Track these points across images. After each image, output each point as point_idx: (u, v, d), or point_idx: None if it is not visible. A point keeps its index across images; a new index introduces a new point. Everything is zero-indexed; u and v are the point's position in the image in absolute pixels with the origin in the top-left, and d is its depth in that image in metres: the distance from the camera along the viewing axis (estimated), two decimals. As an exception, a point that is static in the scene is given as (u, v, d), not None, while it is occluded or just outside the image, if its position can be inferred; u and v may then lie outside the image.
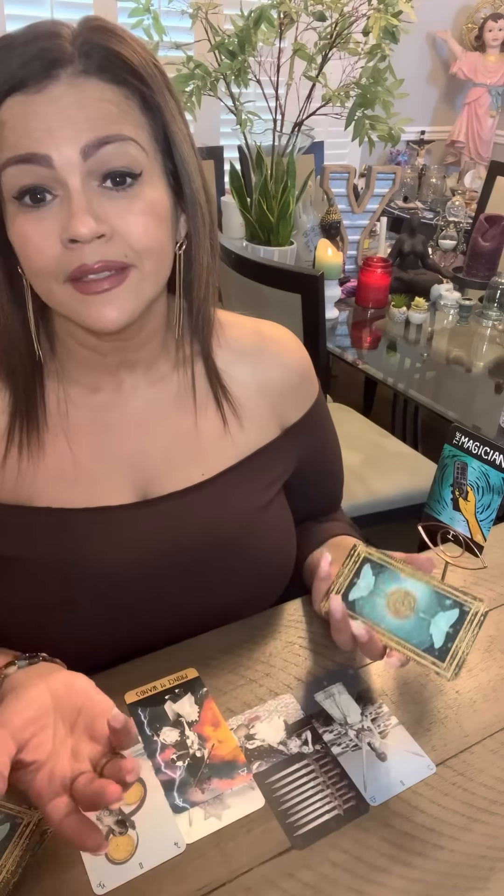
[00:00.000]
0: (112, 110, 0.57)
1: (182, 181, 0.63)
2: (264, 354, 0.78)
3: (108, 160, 0.56)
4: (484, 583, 0.87)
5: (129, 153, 0.57)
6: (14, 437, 0.68)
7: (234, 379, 0.76)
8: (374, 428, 1.98)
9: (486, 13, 3.78)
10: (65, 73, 0.56)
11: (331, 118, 1.93)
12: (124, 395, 0.72)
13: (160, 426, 0.73)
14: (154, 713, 0.67)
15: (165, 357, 0.73)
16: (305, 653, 0.75)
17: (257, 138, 1.94)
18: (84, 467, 0.70)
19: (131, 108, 0.58)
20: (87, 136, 0.55)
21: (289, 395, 0.80)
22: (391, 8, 1.75)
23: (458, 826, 0.60)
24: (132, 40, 0.58)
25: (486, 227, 2.22)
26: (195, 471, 0.74)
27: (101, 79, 0.57)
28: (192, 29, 1.89)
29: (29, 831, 0.54)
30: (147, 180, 0.59)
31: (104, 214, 0.57)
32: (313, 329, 1.53)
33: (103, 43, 0.57)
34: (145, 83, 0.58)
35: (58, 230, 0.56)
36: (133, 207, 0.58)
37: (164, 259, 0.63)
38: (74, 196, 0.56)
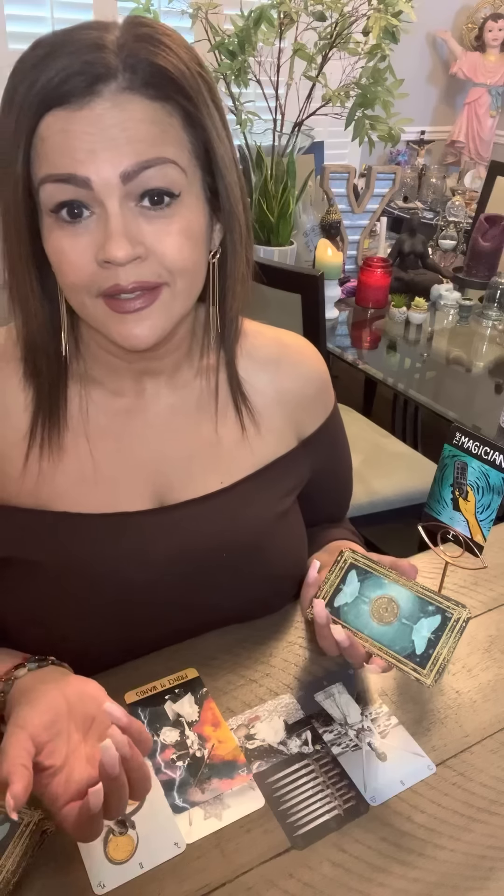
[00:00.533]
0: (155, 131, 0.56)
1: (220, 195, 0.62)
2: (284, 364, 0.78)
3: (147, 182, 0.56)
4: (484, 583, 0.87)
5: (169, 175, 0.57)
6: (36, 436, 0.68)
7: (253, 388, 0.76)
8: (374, 428, 1.98)
9: (486, 13, 3.78)
10: (108, 89, 0.54)
11: (331, 118, 1.93)
12: (146, 401, 0.72)
13: (181, 433, 0.73)
14: (154, 713, 0.67)
15: (189, 364, 0.73)
16: (305, 653, 0.75)
17: (257, 138, 1.94)
18: (103, 471, 0.70)
19: (173, 127, 0.57)
20: (129, 161, 0.55)
21: (306, 406, 0.80)
22: (391, 8, 1.75)
23: (458, 826, 0.60)
24: (178, 47, 0.57)
25: (486, 227, 2.22)
26: (214, 478, 0.74)
27: (145, 96, 0.55)
28: (192, 29, 1.88)
29: (29, 831, 0.54)
30: (184, 200, 0.59)
31: (140, 235, 0.57)
32: (313, 329, 1.53)
33: (149, 57, 0.55)
34: (190, 100, 0.57)
35: (93, 249, 0.56)
36: (169, 228, 0.58)
37: (197, 277, 0.63)
38: (112, 218, 0.55)
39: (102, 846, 0.57)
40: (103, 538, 0.69)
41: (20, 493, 0.69)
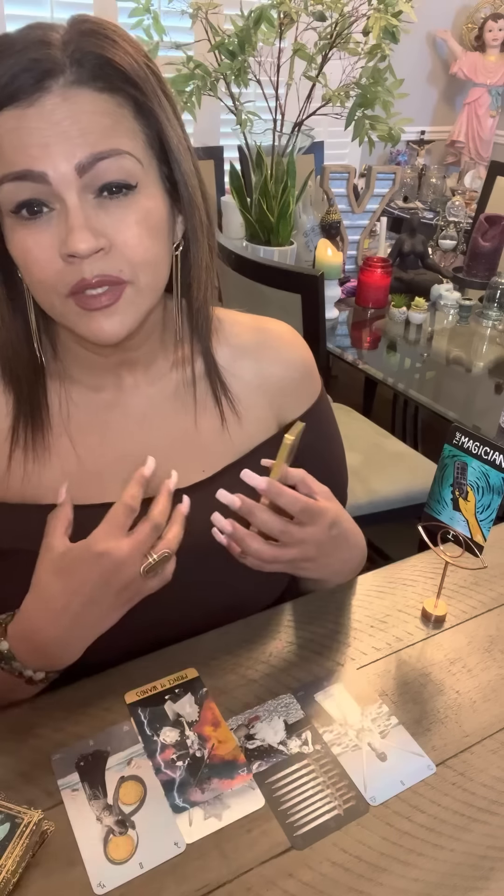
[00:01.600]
0: (106, 122, 0.56)
1: (178, 185, 0.63)
2: (265, 350, 0.78)
3: (104, 175, 0.56)
4: (484, 583, 0.87)
5: (125, 167, 0.57)
6: (18, 439, 0.69)
7: (234, 375, 0.76)
8: (374, 428, 1.98)
9: (486, 13, 3.78)
10: (56, 84, 0.55)
11: (331, 118, 1.93)
12: (125, 394, 0.72)
13: (161, 424, 0.74)
14: (154, 713, 0.67)
15: (164, 356, 0.74)
16: (305, 653, 0.75)
17: (257, 138, 1.94)
18: (88, 467, 0.71)
19: (125, 117, 0.58)
20: (82, 153, 0.55)
21: (289, 392, 0.80)
22: (391, 8, 1.75)
23: (458, 826, 0.60)
24: (124, 41, 0.58)
25: (486, 227, 2.22)
26: (195, 469, 0.74)
27: (94, 88, 0.56)
28: (192, 29, 1.89)
29: (29, 831, 0.54)
30: (142, 190, 0.59)
31: (101, 227, 0.57)
32: (313, 329, 1.53)
33: (95, 50, 0.56)
34: (139, 89, 0.58)
35: (56, 244, 0.57)
36: (128, 218, 0.58)
37: (161, 270, 0.63)
38: (72, 211, 0.56)
39: (102, 846, 0.57)
40: (89, 529, 0.70)
41: (6, 493, 0.70)
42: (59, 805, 0.59)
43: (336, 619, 0.80)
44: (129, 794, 0.60)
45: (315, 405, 0.83)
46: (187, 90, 1.83)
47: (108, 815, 0.59)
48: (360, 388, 2.76)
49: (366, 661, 0.75)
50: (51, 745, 0.64)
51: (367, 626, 0.79)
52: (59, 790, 0.60)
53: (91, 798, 0.60)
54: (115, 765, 0.63)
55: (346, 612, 0.81)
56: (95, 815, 0.59)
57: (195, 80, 1.83)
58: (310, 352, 0.83)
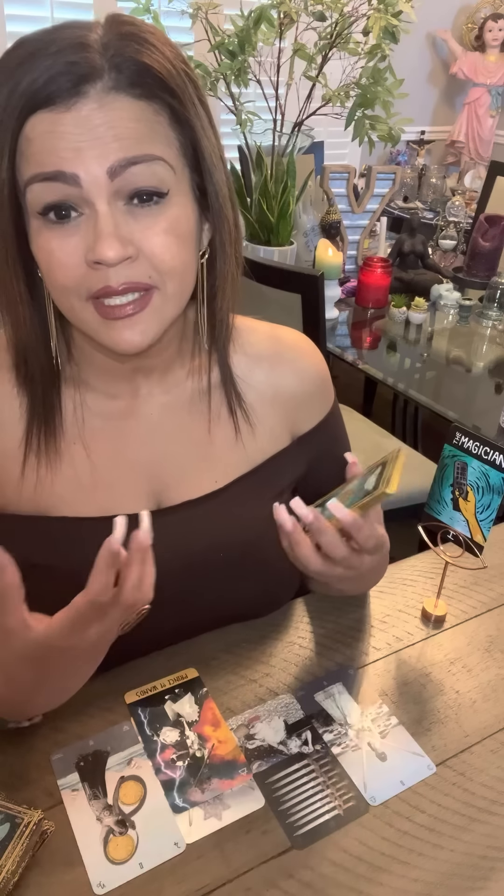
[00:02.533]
0: (142, 129, 0.55)
1: (209, 194, 0.62)
2: (281, 361, 0.77)
3: (135, 180, 0.55)
4: (484, 583, 0.87)
5: (157, 173, 0.56)
6: (32, 444, 0.68)
7: (249, 385, 0.75)
8: (374, 428, 1.98)
9: (486, 13, 3.78)
10: (94, 89, 0.54)
11: (331, 118, 1.93)
12: (140, 402, 0.71)
13: (174, 433, 0.73)
14: (154, 713, 0.67)
15: (180, 364, 0.72)
16: (305, 653, 0.75)
17: (257, 138, 1.94)
18: (101, 475, 0.70)
19: (160, 125, 0.57)
20: (116, 156, 0.54)
21: (304, 404, 0.79)
22: (391, 8, 1.75)
23: (458, 826, 0.60)
24: (163, 45, 0.57)
25: (486, 227, 2.22)
26: (208, 479, 0.74)
27: (131, 95, 0.55)
28: (192, 29, 1.89)
29: (29, 831, 0.54)
30: (173, 199, 0.58)
31: (129, 235, 0.56)
32: (313, 329, 1.53)
33: (134, 56, 0.54)
34: (176, 97, 0.57)
35: (83, 249, 0.56)
36: (157, 226, 0.57)
37: (188, 278, 0.62)
38: (101, 218, 0.55)
39: (102, 846, 0.57)
40: (100, 542, 0.69)
41: (19, 500, 0.69)
42: (59, 805, 0.59)
43: (336, 619, 0.80)
44: (129, 794, 0.60)
45: (328, 416, 0.82)
46: (187, 90, 1.83)
47: (108, 815, 0.59)
48: (360, 388, 2.76)
49: (366, 661, 0.75)
50: (51, 745, 0.64)
51: (367, 626, 0.79)
52: (59, 790, 0.60)
53: (91, 798, 0.60)
54: (115, 765, 0.63)
55: (346, 612, 0.81)
56: (95, 815, 0.59)
57: (195, 80, 1.82)
58: (324, 361, 0.82)
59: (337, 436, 0.85)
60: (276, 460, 0.77)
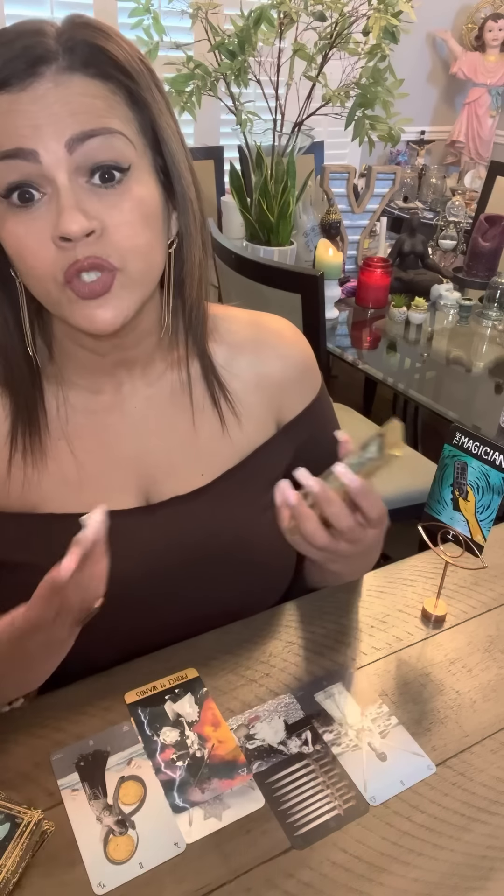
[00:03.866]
0: (98, 105, 0.56)
1: (172, 177, 0.62)
2: (263, 346, 0.77)
3: (95, 154, 0.56)
4: (484, 583, 0.87)
5: (116, 146, 0.57)
6: (17, 443, 0.68)
7: (232, 374, 0.75)
8: (374, 428, 1.97)
9: (486, 13, 3.78)
10: (49, 70, 0.55)
11: (331, 118, 1.93)
12: (124, 397, 0.72)
13: (159, 427, 0.73)
14: (154, 713, 0.67)
15: (161, 356, 0.72)
16: (305, 653, 0.75)
17: (257, 138, 1.94)
18: (88, 472, 0.70)
19: (118, 104, 0.57)
20: (72, 130, 0.55)
21: (289, 389, 0.78)
22: (391, 8, 1.75)
23: (458, 826, 0.60)
24: (117, 36, 0.58)
25: (486, 227, 2.22)
26: (195, 472, 0.74)
27: (86, 74, 0.56)
28: (192, 29, 1.89)
29: (29, 831, 0.54)
30: (135, 175, 0.58)
31: (93, 211, 0.56)
32: (313, 329, 1.53)
33: (88, 39, 0.56)
34: (131, 78, 0.58)
35: (49, 230, 0.56)
36: (122, 204, 0.58)
37: (153, 259, 0.62)
38: (63, 192, 0.55)
39: (102, 846, 0.57)
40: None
41: (7, 499, 0.69)
42: (59, 805, 0.59)
43: (336, 619, 0.80)
44: (129, 794, 0.60)
45: (315, 401, 0.81)
46: (187, 90, 1.83)
47: (108, 815, 0.59)
48: (360, 388, 2.76)
49: (366, 661, 0.75)
50: (51, 745, 0.64)
51: (367, 626, 0.79)
52: (59, 790, 0.60)
53: (91, 798, 0.60)
54: (115, 765, 0.63)
55: (346, 612, 0.81)
56: (95, 815, 0.59)
57: (195, 79, 1.83)
58: (309, 346, 0.81)
59: (325, 422, 0.84)
60: (263, 450, 0.77)
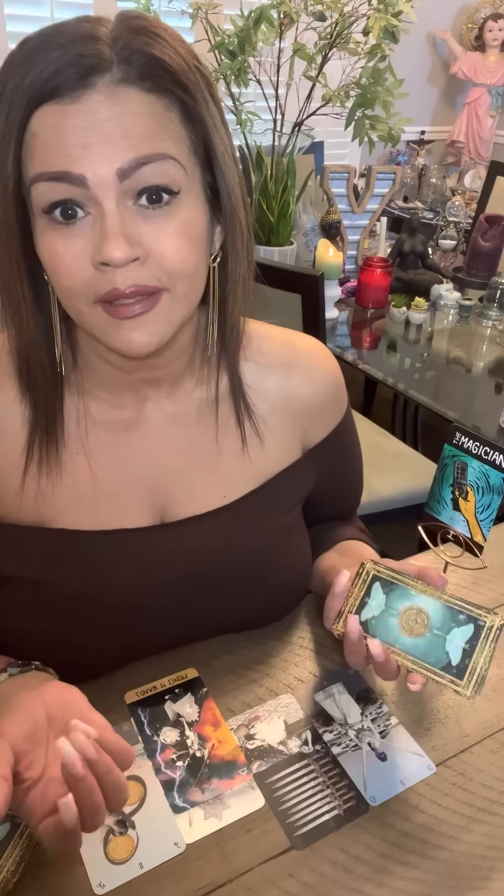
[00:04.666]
0: (152, 125, 0.53)
1: (221, 194, 0.60)
2: (295, 369, 0.74)
3: (145, 179, 0.53)
4: (484, 583, 0.87)
5: (168, 172, 0.54)
6: (33, 454, 0.66)
7: (258, 394, 0.73)
8: (374, 428, 1.98)
9: (486, 13, 3.78)
10: (102, 81, 0.52)
11: (331, 118, 1.93)
12: (147, 414, 0.69)
13: (181, 446, 0.70)
14: (154, 713, 0.67)
15: (191, 373, 0.70)
16: (305, 653, 0.75)
17: (257, 138, 1.94)
18: (103, 487, 0.68)
19: (171, 121, 0.55)
20: (125, 157, 0.52)
21: (316, 413, 0.76)
22: (391, 8, 1.75)
23: (458, 826, 0.60)
24: (174, 41, 0.55)
25: (486, 227, 2.22)
26: (216, 493, 0.71)
27: (141, 88, 0.53)
28: (192, 29, 1.88)
29: (29, 831, 0.54)
30: (184, 198, 0.56)
31: (138, 236, 0.54)
32: (313, 329, 1.53)
33: (145, 48, 0.52)
34: (188, 92, 0.55)
35: (90, 251, 0.54)
36: (168, 228, 0.55)
37: (198, 281, 0.60)
38: (109, 217, 0.53)
39: (102, 846, 0.57)
40: (103, 556, 0.67)
41: (19, 510, 0.67)
42: (59, 805, 0.59)
43: (336, 619, 0.80)
44: (130, 794, 0.60)
45: (340, 424, 0.79)
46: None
47: (108, 815, 0.59)
48: (360, 388, 2.76)
49: (366, 661, 0.75)
50: (51, 745, 0.64)
51: (367, 626, 0.79)
52: (59, 790, 0.60)
53: (91, 798, 0.60)
54: (115, 765, 0.62)
55: (346, 612, 0.81)
56: (95, 815, 0.58)
57: (195, 80, 1.82)
58: (338, 368, 0.79)
59: (349, 442, 0.82)
60: (286, 474, 0.75)
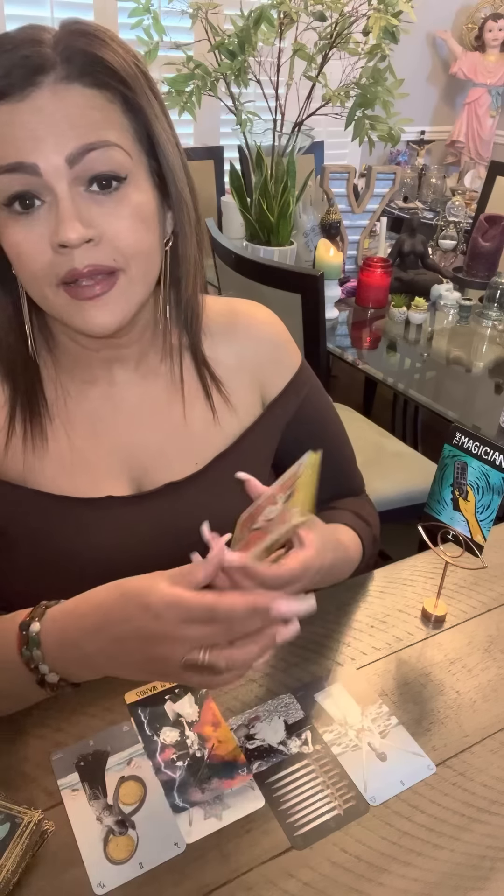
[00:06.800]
0: (96, 116, 0.58)
1: (167, 179, 0.64)
2: (237, 330, 0.80)
3: (94, 165, 0.58)
4: (484, 583, 0.87)
5: (114, 158, 0.58)
6: (15, 428, 0.70)
7: (217, 361, 0.78)
8: (374, 428, 1.98)
9: (486, 13, 3.78)
10: (47, 79, 0.56)
11: (331, 118, 1.93)
12: (118, 389, 0.74)
13: (152, 419, 0.75)
14: (154, 713, 0.67)
15: (154, 351, 0.75)
16: (305, 653, 0.75)
17: (257, 138, 1.94)
18: (82, 458, 0.72)
19: (114, 112, 0.59)
20: (73, 144, 0.56)
21: (268, 366, 0.81)
22: (391, 8, 1.75)
23: (458, 826, 0.60)
24: (112, 41, 0.59)
25: (486, 227, 2.22)
26: (188, 462, 0.75)
27: (84, 84, 0.57)
28: (192, 29, 1.89)
29: (29, 831, 0.54)
30: (132, 183, 0.60)
31: (91, 219, 0.58)
32: (313, 329, 1.53)
33: (85, 47, 0.57)
34: (127, 85, 0.59)
35: (48, 235, 0.58)
36: (120, 211, 0.60)
37: (153, 260, 0.64)
38: (62, 202, 0.57)
39: (102, 846, 0.57)
40: (86, 522, 0.71)
41: (4, 477, 0.71)
42: (59, 805, 0.59)
43: (336, 619, 0.80)
44: (129, 794, 0.60)
45: (296, 377, 0.83)
46: (187, 90, 1.83)
47: (108, 815, 0.59)
48: (360, 388, 2.76)
49: (366, 661, 0.75)
50: (51, 745, 0.64)
51: (367, 626, 0.79)
52: (59, 790, 0.60)
53: (91, 798, 0.60)
54: (115, 765, 0.63)
55: (346, 612, 0.81)
56: (95, 815, 0.59)
57: (195, 80, 1.83)
58: (282, 325, 0.84)
59: (311, 398, 0.85)
60: (251, 431, 0.79)
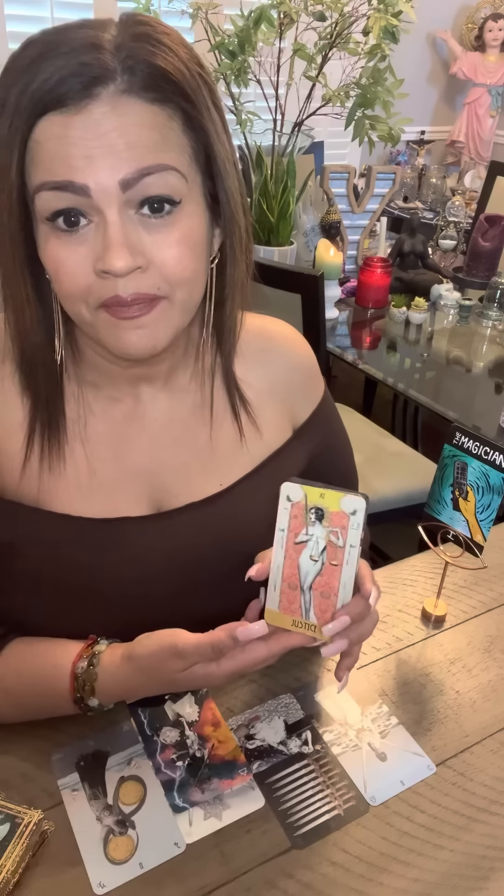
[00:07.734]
0: (155, 136, 0.54)
1: (221, 202, 0.61)
2: (273, 355, 0.77)
3: (147, 189, 0.54)
4: (484, 583, 0.87)
5: (170, 183, 0.55)
6: (34, 445, 0.67)
7: (247, 384, 0.75)
8: (374, 428, 1.98)
9: (486, 13, 3.77)
10: (106, 91, 0.52)
11: (331, 118, 1.93)
12: (143, 406, 0.71)
13: (177, 439, 0.72)
14: (154, 713, 0.67)
15: (184, 369, 0.71)
16: (305, 653, 0.75)
17: (257, 138, 1.94)
18: (100, 478, 0.69)
19: (173, 131, 0.55)
20: (128, 168, 0.53)
21: (297, 394, 0.79)
22: (391, 8, 1.75)
23: (458, 826, 0.60)
24: (177, 46, 0.55)
25: (486, 227, 2.22)
26: (212, 482, 0.73)
27: (144, 99, 0.53)
28: (192, 29, 1.88)
29: (29, 831, 0.54)
30: (185, 207, 0.57)
31: (140, 245, 0.55)
32: (313, 329, 1.53)
33: (149, 57, 0.53)
34: (189, 101, 0.55)
35: (92, 258, 0.55)
36: (169, 238, 0.56)
37: (197, 287, 0.61)
38: (111, 227, 0.54)
39: (102, 846, 0.57)
40: (102, 543, 0.68)
41: (20, 500, 0.68)
42: (59, 805, 0.59)
43: (336, 619, 0.80)
44: (129, 794, 0.60)
45: (321, 404, 0.82)
46: (187, 90, 1.83)
47: (108, 815, 0.59)
48: (360, 388, 2.76)
49: (366, 661, 0.75)
50: (51, 745, 0.64)
51: (367, 626, 0.79)
52: (59, 790, 0.60)
53: (91, 798, 0.60)
54: (115, 765, 0.63)
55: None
56: (95, 815, 0.59)
57: (195, 80, 1.82)
58: (311, 350, 0.82)
59: (332, 422, 0.85)
60: (278, 455, 0.77)
